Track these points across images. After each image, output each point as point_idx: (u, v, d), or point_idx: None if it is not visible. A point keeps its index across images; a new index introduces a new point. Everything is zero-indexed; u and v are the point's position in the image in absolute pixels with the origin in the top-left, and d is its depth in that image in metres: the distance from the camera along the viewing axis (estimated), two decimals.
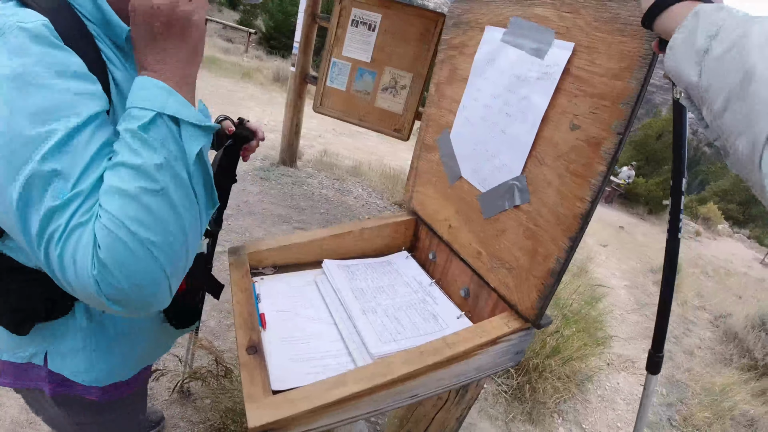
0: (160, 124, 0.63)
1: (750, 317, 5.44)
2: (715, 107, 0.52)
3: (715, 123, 0.54)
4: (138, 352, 0.99)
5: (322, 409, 0.80)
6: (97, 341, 0.88)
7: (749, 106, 0.47)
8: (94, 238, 0.57)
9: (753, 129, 0.47)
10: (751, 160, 0.48)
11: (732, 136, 0.51)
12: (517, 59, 0.99)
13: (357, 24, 3.94)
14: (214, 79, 9.47)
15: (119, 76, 0.74)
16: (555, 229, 0.90)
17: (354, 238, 1.37)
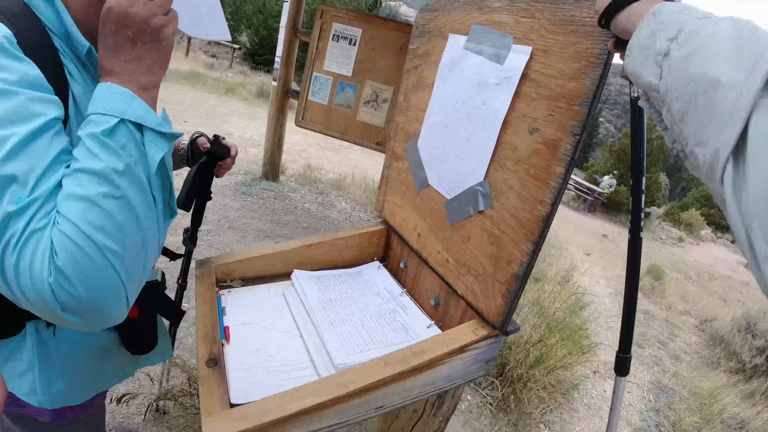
0: (123, 129, 0.63)
1: (736, 320, 5.47)
2: (674, 112, 0.51)
3: (675, 127, 0.52)
4: (88, 377, 0.96)
5: (281, 422, 0.78)
6: (40, 365, 0.85)
7: (710, 117, 0.45)
8: (51, 245, 0.56)
9: (714, 141, 0.45)
10: (712, 172, 0.46)
11: (691, 143, 0.49)
12: (478, 65, 1.00)
13: (338, 38, 3.96)
14: (197, 94, 9.44)
15: (78, 91, 0.73)
16: (517, 233, 0.89)
17: (325, 249, 1.35)
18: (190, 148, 1.21)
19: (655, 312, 5.71)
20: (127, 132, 0.63)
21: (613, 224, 12.78)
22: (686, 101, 0.48)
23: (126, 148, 0.62)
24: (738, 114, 0.41)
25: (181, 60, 14.01)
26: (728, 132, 0.42)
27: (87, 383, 0.96)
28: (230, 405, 0.83)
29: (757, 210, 0.39)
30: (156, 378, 2.13)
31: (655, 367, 4.18)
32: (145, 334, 1.05)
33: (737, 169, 0.42)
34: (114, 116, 0.62)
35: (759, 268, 0.41)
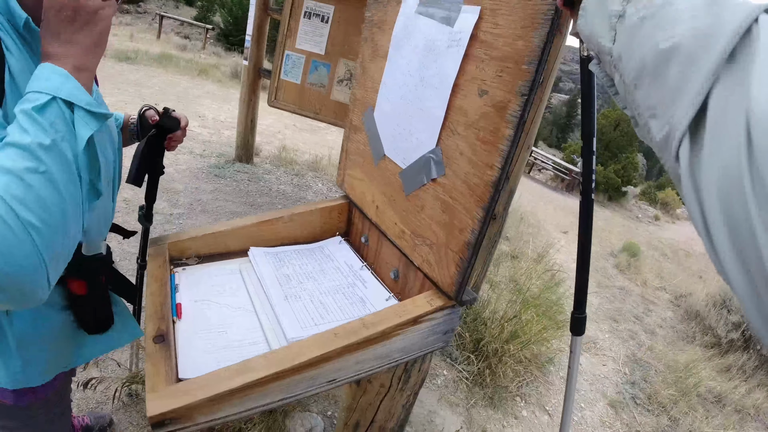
0: (53, 106, 0.63)
1: (711, 295, 5.57)
2: (628, 80, 0.47)
3: (627, 95, 0.49)
4: (47, 357, 0.95)
5: (224, 397, 0.75)
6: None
7: (667, 89, 0.41)
8: None
9: (670, 115, 0.41)
10: (667, 146, 0.42)
11: (644, 114, 0.46)
12: (429, 30, 0.96)
13: (310, 15, 3.87)
14: (169, 77, 9.20)
15: (15, 65, 0.72)
16: (468, 200, 0.87)
17: (284, 224, 1.32)
18: (139, 122, 1.17)
19: (631, 288, 5.81)
20: (57, 109, 0.64)
21: None
22: (641, 69, 0.45)
23: (55, 125, 0.62)
24: (697, 87, 0.38)
25: (152, 42, 13.62)
26: (686, 106, 0.39)
27: (47, 364, 0.96)
28: (178, 381, 0.81)
29: (714, 190, 0.36)
30: (124, 363, 2.10)
31: (630, 341, 4.26)
32: (96, 312, 1.03)
33: (694, 145, 0.39)
34: (46, 94, 0.63)
35: (714, 249, 0.38)
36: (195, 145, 5.28)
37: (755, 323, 0.36)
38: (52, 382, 1.01)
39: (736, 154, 0.34)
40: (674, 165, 0.42)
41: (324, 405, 2.23)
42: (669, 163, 0.44)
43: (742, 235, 0.34)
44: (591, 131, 0.78)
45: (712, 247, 0.38)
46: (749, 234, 0.33)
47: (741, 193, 0.33)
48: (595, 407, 3.06)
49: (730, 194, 0.34)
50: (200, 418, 0.76)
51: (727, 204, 0.35)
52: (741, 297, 0.36)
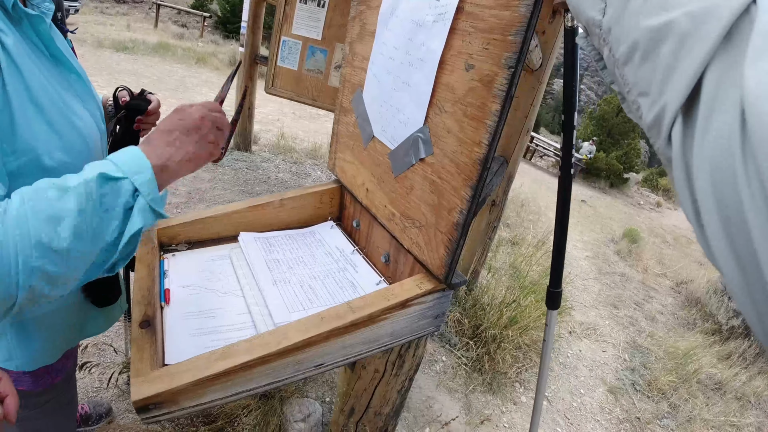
0: (120, 185, 0.66)
1: (712, 282, 5.54)
2: (617, 54, 0.45)
3: (616, 71, 0.46)
4: (60, 333, 0.96)
5: (208, 382, 0.74)
6: (14, 328, 0.85)
7: (658, 67, 0.39)
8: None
9: (661, 95, 0.39)
10: (658, 127, 0.40)
11: (633, 92, 0.43)
12: (415, 4, 0.93)
13: (306, 0, 3.82)
14: (166, 66, 9.14)
15: (8, 41, 0.70)
16: (456, 179, 0.85)
17: (274, 210, 1.30)
18: (114, 104, 1.15)
19: (631, 274, 5.79)
20: (121, 189, 0.66)
21: (591, 189, 12.89)
22: (632, 44, 0.42)
23: (104, 198, 0.65)
24: (692, 67, 0.36)
25: (149, 31, 13.52)
26: (679, 86, 0.37)
27: (59, 340, 0.96)
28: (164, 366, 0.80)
29: (707, 172, 0.34)
30: (120, 349, 2.10)
31: (630, 327, 4.25)
32: (106, 283, 1.03)
33: (687, 126, 0.37)
34: (122, 174, 0.66)
35: (705, 238, 0.36)
36: None
37: (746, 310, 0.34)
38: (64, 363, 1.03)
39: (729, 136, 0.32)
40: (665, 146, 0.40)
41: (322, 391, 2.23)
42: (659, 144, 0.41)
43: (733, 220, 0.32)
44: (572, 106, 0.75)
45: (702, 232, 0.36)
46: (740, 219, 0.31)
47: (733, 176, 0.31)
48: (595, 393, 3.06)
49: (722, 177, 0.33)
50: (185, 402, 0.75)
51: (719, 187, 0.33)
52: (731, 284, 0.34)
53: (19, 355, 0.87)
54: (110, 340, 2.18)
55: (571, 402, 2.89)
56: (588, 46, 0.55)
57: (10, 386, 0.64)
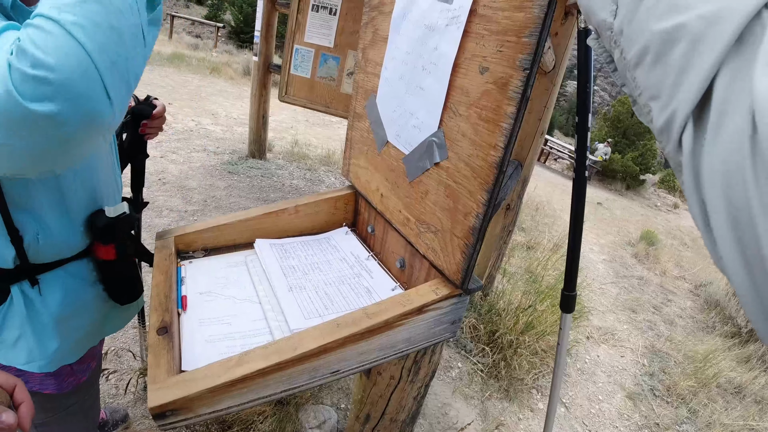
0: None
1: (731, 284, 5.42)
2: (628, 57, 0.44)
3: (627, 73, 0.46)
4: (80, 331, 0.97)
5: (224, 389, 0.74)
6: (33, 328, 0.86)
7: (670, 70, 0.39)
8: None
9: (672, 98, 0.38)
10: (668, 132, 0.40)
11: (645, 95, 0.43)
12: (428, 8, 0.93)
13: (318, 8, 3.85)
14: (181, 76, 9.27)
15: None
16: (472, 183, 0.84)
17: (289, 216, 1.30)
18: None
19: (650, 278, 5.70)
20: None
21: (608, 192, 12.75)
22: (643, 47, 0.42)
23: None
24: (704, 71, 0.35)
25: (164, 42, 13.74)
26: (690, 90, 0.36)
27: (80, 338, 0.97)
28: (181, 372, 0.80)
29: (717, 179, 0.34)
30: (137, 354, 2.11)
31: (649, 331, 4.18)
32: (128, 280, 1.05)
33: (697, 131, 0.37)
34: None
35: (714, 243, 0.36)
36: (209, 142, 5.32)
37: (755, 320, 0.33)
38: (89, 363, 1.04)
39: (740, 141, 0.31)
40: (675, 151, 0.40)
41: (337, 397, 2.22)
42: (669, 149, 0.41)
43: (743, 225, 0.32)
44: (587, 107, 0.74)
45: (711, 237, 0.36)
46: (750, 224, 0.31)
47: (743, 181, 0.31)
48: (613, 399, 3.00)
49: (732, 182, 0.32)
50: (201, 409, 0.75)
51: (729, 192, 0.32)
52: (740, 290, 0.34)
53: (40, 355, 0.88)
54: (128, 345, 2.20)
55: (590, 408, 2.85)
56: (599, 48, 0.54)
57: (26, 394, 0.64)
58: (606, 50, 0.53)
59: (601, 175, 13.92)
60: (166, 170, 4.16)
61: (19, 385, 0.64)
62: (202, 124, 6.11)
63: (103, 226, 0.91)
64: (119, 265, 1.00)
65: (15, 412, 0.60)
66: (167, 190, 3.85)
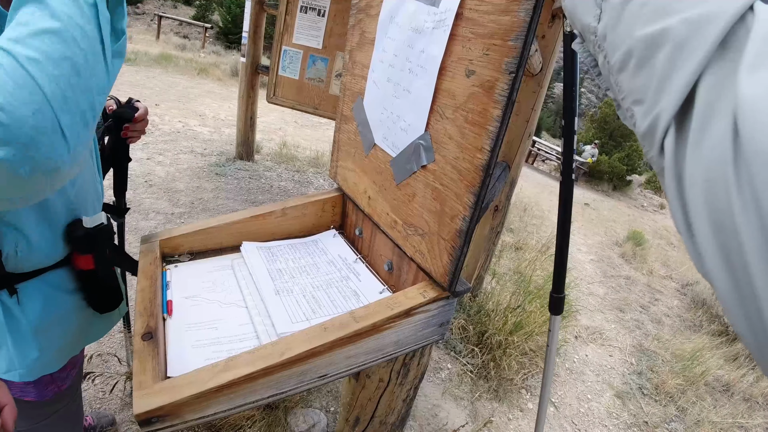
0: None
1: None
2: (612, 61, 0.45)
3: (611, 77, 0.46)
4: (61, 341, 0.96)
5: (211, 394, 0.73)
6: (12, 337, 0.85)
7: (652, 75, 0.39)
8: None
9: (655, 103, 0.39)
10: (651, 136, 0.40)
11: (628, 99, 0.43)
12: (414, 11, 0.93)
13: (306, 10, 3.84)
14: (168, 77, 9.19)
15: None
16: (459, 185, 0.84)
17: (276, 219, 1.30)
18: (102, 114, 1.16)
19: (637, 277, 5.75)
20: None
21: (595, 192, 12.86)
22: (627, 52, 0.42)
23: None
24: (686, 76, 0.35)
25: (151, 43, 13.62)
26: (673, 94, 0.36)
27: (61, 348, 0.96)
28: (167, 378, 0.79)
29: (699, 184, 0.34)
30: (124, 360, 2.09)
31: (636, 330, 4.21)
32: (108, 289, 1.03)
33: (680, 136, 0.37)
34: None
35: (696, 247, 0.36)
36: (196, 144, 5.27)
37: (738, 324, 0.33)
38: (69, 371, 1.03)
39: (722, 145, 0.32)
40: (658, 156, 0.40)
41: (327, 400, 2.21)
42: (652, 153, 0.41)
43: (725, 229, 0.32)
44: (573, 110, 0.75)
45: (693, 241, 0.36)
46: (732, 228, 0.31)
47: (725, 185, 0.31)
48: (602, 398, 3.03)
49: (715, 186, 0.32)
50: (188, 415, 0.74)
51: (711, 196, 0.33)
52: (722, 294, 0.34)
53: (20, 364, 0.87)
54: (114, 350, 2.17)
55: (579, 408, 2.86)
56: (584, 52, 0.55)
57: (8, 396, 0.63)
58: (590, 54, 0.53)
59: (588, 176, 14.03)
60: (153, 172, 4.12)
61: (2, 389, 0.63)
62: (189, 125, 6.06)
63: (80, 236, 0.90)
64: (98, 274, 0.98)
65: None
66: (154, 192, 3.82)
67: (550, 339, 1.09)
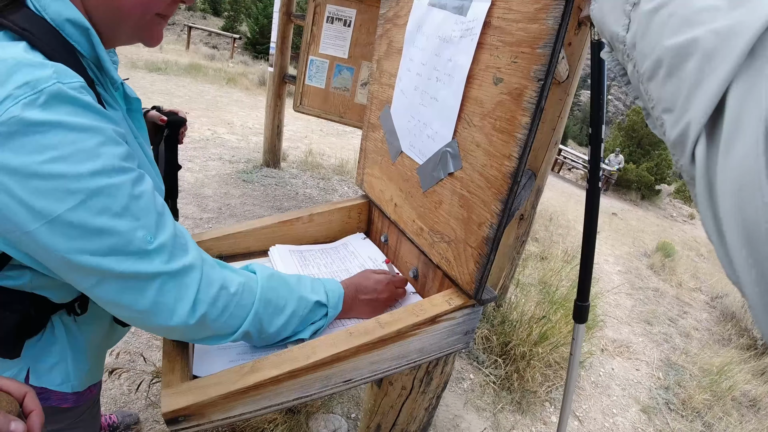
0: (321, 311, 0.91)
1: None
2: (641, 70, 0.45)
3: (640, 86, 0.46)
4: (102, 350, 1.00)
5: (237, 395, 0.74)
6: (72, 353, 0.87)
7: (682, 84, 0.39)
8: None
9: (685, 111, 0.39)
10: (682, 145, 0.40)
11: (658, 108, 0.43)
12: (442, 21, 0.94)
13: (332, 20, 3.90)
14: (198, 86, 9.41)
15: (116, 115, 0.75)
16: (486, 193, 0.84)
17: (303, 225, 1.31)
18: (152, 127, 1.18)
19: (665, 289, 5.62)
20: (314, 311, 0.90)
21: (623, 202, 12.62)
22: (656, 60, 0.42)
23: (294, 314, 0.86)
24: (716, 85, 0.35)
25: (181, 53, 13.98)
26: (703, 103, 0.36)
27: (102, 357, 1.01)
28: (193, 378, 0.81)
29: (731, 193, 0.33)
30: (149, 358, 2.13)
31: (664, 344, 4.11)
32: None
33: (711, 145, 0.37)
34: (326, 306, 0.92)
35: (728, 258, 0.35)
36: (224, 151, 5.38)
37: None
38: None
39: (754, 155, 0.31)
40: (689, 164, 0.40)
41: (348, 407, 2.21)
42: (683, 162, 0.41)
43: (758, 242, 0.31)
44: (600, 118, 0.74)
45: (725, 251, 0.35)
46: (764, 241, 0.30)
47: (758, 198, 0.31)
48: (628, 413, 2.95)
49: (747, 195, 0.32)
50: (214, 415, 0.76)
51: (743, 206, 0.32)
52: (753, 307, 0.33)
53: (74, 377, 0.89)
54: (140, 349, 2.22)
55: (603, 422, 2.80)
56: (612, 61, 0.55)
57: (36, 402, 0.65)
58: (619, 63, 0.53)
59: (615, 185, 13.79)
60: (182, 178, 4.22)
61: (30, 394, 0.64)
62: (218, 133, 6.19)
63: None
64: None
65: (25, 422, 0.60)
66: (183, 197, 3.90)
67: (573, 348, 1.07)
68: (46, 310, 0.79)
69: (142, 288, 0.64)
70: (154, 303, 0.65)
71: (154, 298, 0.65)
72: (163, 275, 0.65)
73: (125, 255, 0.61)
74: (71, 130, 0.56)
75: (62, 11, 0.63)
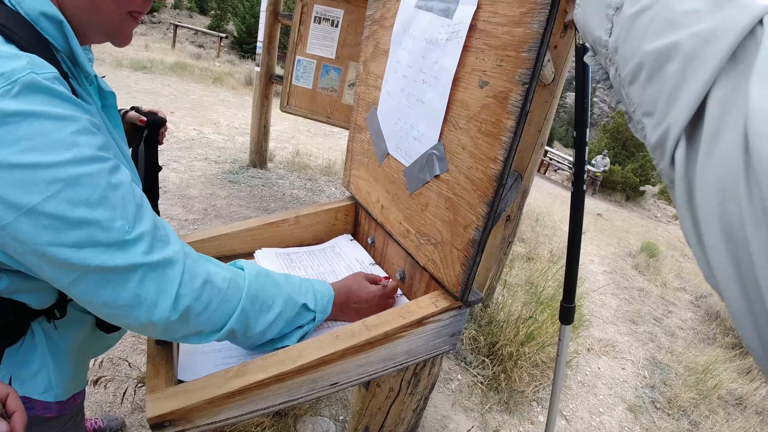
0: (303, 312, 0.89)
1: None
2: (623, 74, 0.45)
3: (622, 90, 0.47)
4: (85, 358, 0.98)
5: (223, 400, 0.74)
6: (54, 359, 0.86)
7: (662, 88, 0.39)
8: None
9: (665, 115, 0.39)
10: (662, 148, 0.41)
11: (638, 111, 0.44)
12: (428, 23, 0.94)
13: (320, 20, 3.89)
14: (183, 85, 9.33)
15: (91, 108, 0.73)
16: (472, 195, 0.84)
17: (290, 226, 1.31)
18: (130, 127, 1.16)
19: (650, 289, 5.69)
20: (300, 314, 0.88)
21: (608, 203, 12.76)
22: (637, 64, 0.43)
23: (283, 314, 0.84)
24: (696, 88, 0.36)
25: (167, 51, 13.84)
26: (683, 107, 0.37)
27: (85, 364, 0.98)
28: (178, 383, 0.80)
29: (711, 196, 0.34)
30: (134, 364, 2.11)
31: (649, 343, 4.16)
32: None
33: (690, 148, 0.37)
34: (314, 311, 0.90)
35: (706, 260, 0.36)
36: (210, 151, 5.33)
37: (747, 336, 0.33)
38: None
39: (733, 157, 0.32)
40: (668, 167, 0.41)
41: (336, 409, 2.21)
42: (663, 165, 0.42)
43: (737, 244, 0.32)
44: (584, 122, 0.75)
45: (704, 253, 0.36)
46: (743, 240, 0.31)
47: (737, 200, 0.31)
48: (614, 412, 2.98)
49: (726, 200, 0.32)
50: (200, 420, 0.75)
51: (722, 210, 0.33)
52: (732, 308, 0.34)
53: (57, 384, 0.87)
54: (125, 354, 2.19)
55: (590, 421, 2.83)
56: (596, 65, 0.55)
57: (19, 402, 0.63)
58: (602, 67, 0.53)
59: (601, 186, 13.94)
60: (167, 179, 4.17)
61: (12, 394, 0.63)
62: (203, 133, 6.13)
63: None
64: None
65: (8, 422, 0.59)
66: (167, 198, 3.86)
67: (559, 349, 1.08)
68: (26, 316, 0.78)
69: (122, 281, 0.63)
70: (135, 296, 0.64)
71: (134, 291, 0.64)
72: (143, 267, 0.64)
73: (104, 246, 0.60)
74: (45, 120, 0.56)
75: (36, 5, 0.63)
